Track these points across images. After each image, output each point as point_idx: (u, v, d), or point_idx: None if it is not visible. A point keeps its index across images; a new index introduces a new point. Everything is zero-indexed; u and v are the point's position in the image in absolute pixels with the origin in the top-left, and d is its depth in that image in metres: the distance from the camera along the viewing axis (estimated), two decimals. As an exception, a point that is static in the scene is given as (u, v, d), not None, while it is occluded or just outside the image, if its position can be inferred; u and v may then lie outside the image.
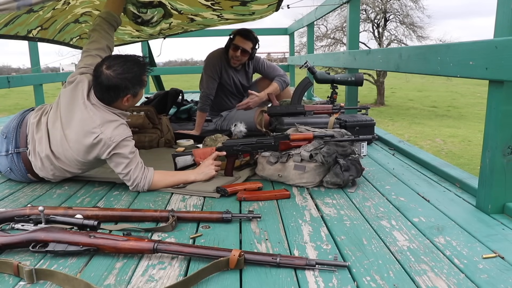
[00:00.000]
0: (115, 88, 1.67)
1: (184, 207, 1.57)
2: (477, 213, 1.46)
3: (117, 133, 1.66)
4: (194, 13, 2.81)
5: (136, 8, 2.59)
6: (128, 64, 1.69)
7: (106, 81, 1.66)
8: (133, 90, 1.71)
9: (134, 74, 1.69)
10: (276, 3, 2.50)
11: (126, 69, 1.67)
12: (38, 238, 1.18)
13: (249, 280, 1.05)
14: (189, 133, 2.82)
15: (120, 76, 1.66)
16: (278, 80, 3.00)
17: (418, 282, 1.02)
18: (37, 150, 1.75)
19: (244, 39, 2.81)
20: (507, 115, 1.36)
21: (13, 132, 1.81)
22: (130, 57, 1.73)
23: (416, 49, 1.85)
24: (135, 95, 1.74)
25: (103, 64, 1.68)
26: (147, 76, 1.85)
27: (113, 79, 1.66)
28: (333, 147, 1.79)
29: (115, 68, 1.66)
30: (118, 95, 1.70)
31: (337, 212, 1.49)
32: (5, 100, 17.52)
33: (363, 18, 16.63)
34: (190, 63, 47.87)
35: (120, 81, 1.66)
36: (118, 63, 1.68)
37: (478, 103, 15.40)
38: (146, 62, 1.77)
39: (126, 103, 1.74)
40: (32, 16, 2.10)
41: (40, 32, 2.65)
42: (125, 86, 1.68)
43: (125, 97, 1.71)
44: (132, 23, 2.78)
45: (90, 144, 1.66)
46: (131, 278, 1.06)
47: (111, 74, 1.66)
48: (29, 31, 2.49)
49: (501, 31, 1.36)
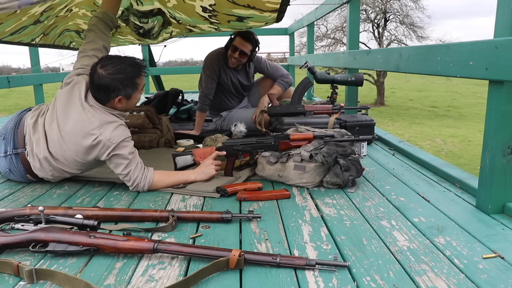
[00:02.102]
0: (105, 87, 1.66)
1: (184, 207, 1.57)
2: (477, 213, 1.46)
3: (116, 134, 1.65)
4: (192, 24, 2.82)
5: (137, 18, 2.61)
6: (122, 65, 1.68)
7: (98, 80, 1.66)
8: (124, 91, 1.68)
9: (125, 75, 1.67)
10: (274, 22, 2.49)
11: (118, 70, 1.66)
12: (38, 238, 1.18)
13: (249, 280, 1.05)
14: (189, 133, 2.83)
15: (111, 76, 1.65)
16: (280, 83, 3.01)
17: (418, 282, 1.02)
18: (35, 151, 1.75)
19: (244, 40, 2.80)
20: (507, 115, 1.36)
21: (11, 133, 1.80)
22: (126, 59, 1.71)
23: (416, 49, 1.85)
24: (128, 97, 1.71)
25: (99, 63, 1.69)
26: (146, 77, 1.83)
27: (104, 78, 1.65)
28: (333, 147, 1.79)
29: (108, 67, 1.66)
30: (109, 95, 1.68)
31: (337, 212, 1.49)
32: (5, 100, 17.52)
33: (363, 18, 16.63)
34: (190, 63, 47.84)
35: (110, 81, 1.65)
36: (112, 63, 1.67)
37: (478, 103, 15.40)
38: (143, 65, 1.74)
39: (119, 104, 1.71)
40: (38, 26, 2.11)
41: (42, 38, 2.67)
42: (115, 87, 1.66)
43: (116, 98, 1.69)
44: (134, 33, 2.80)
45: (89, 146, 1.65)
46: (131, 278, 1.06)
47: (102, 73, 1.65)
48: (32, 39, 2.51)
49: (501, 31, 1.36)
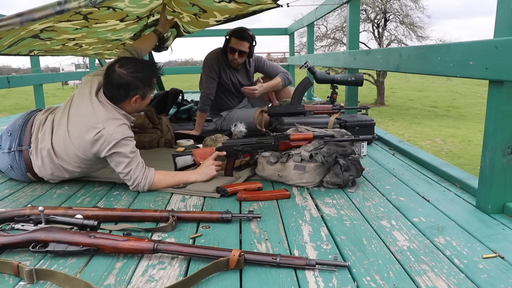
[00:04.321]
0: (126, 86, 1.71)
1: (184, 207, 1.57)
2: (477, 213, 1.46)
3: (119, 131, 1.67)
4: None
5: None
6: (140, 64, 1.77)
7: (118, 79, 1.70)
8: (143, 90, 1.75)
9: (145, 74, 1.75)
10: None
11: (138, 69, 1.73)
12: (38, 238, 1.18)
13: (249, 280, 1.05)
14: (189, 133, 2.82)
15: (132, 75, 1.71)
16: (281, 76, 3.00)
17: (418, 282, 1.02)
18: (39, 147, 1.77)
19: (240, 40, 2.79)
20: (507, 115, 1.36)
21: (18, 130, 1.83)
22: (142, 60, 1.85)
23: (416, 49, 1.85)
24: (144, 96, 1.78)
25: (116, 63, 1.73)
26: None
27: (125, 76, 1.70)
28: (333, 147, 1.79)
29: (128, 66, 1.72)
30: (127, 94, 1.73)
31: (337, 212, 1.49)
32: (5, 100, 17.53)
33: (363, 18, 16.63)
34: (190, 63, 47.82)
35: (131, 79, 1.71)
36: (131, 62, 1.75)
37: (478, 103, 15.40)
38: (159, 66, 1.86)
39: (134, 104, 1.76)
40: (37, 41, 2.12)
41: (42, 52, 2.68)
42: (135, 85, 1.72)
43: (134, 97, 1.74)
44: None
45: (91, 140, 1.66)
46: (131, 278, 1.06)
47: (123, 72, 1.70)
48: (31, 51, 2.52)
49: (501, 31, 1.36)
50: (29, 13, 1.37)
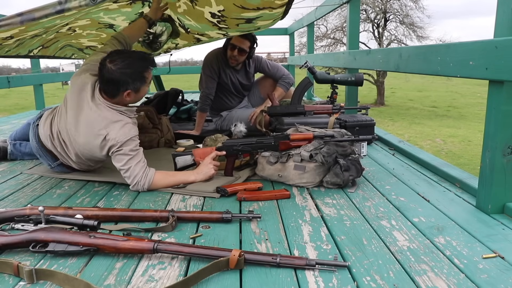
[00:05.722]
0: (116, 82, 1.71)
1: (184, 207, 1.57)
2: (477, 213, 1.46)
3: (122, 133, 1.69)
4: (200, 31, 2.84)
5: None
6: (130, 59, 1.73)
7: (108, 74, 1.71)
8: (133, 85, 1.74)
9: (134, 69, 1.73)
10: (281, 17, 2.50)
11: (126, 65, 1.71)
12: (38, 238, 1.18)
13: (249, 280, 1.05)
14: (189, 133, 2.82)
15: (120, 71, 1.70)
16: (281, 84, 3.01)
17: (418, 282, 1.02)
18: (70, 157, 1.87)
19: (241, 38, 2.80)
20: (507, 115, 1.36)
21: (40, 151, 1.92)
22: (134, 53, 1.80)
23: (416, 49, 1.85)
24: (136, 90, 1.77)
25: (108, 58, 1.73)
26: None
27: (114, 73, 1.70)
28: (333, 147, 1.79)
29: (117, 62, 1.71)
30: (118, 89, 1.73)
31: (337, 212, 1.49)
32: (5, 100, 17.53)
33: (363, 18, 16.64)
34: (190, 63, 47.73)
35: (119, 75, 1.70)
36: (121, 57, 1.73)
37: (478, 103, 15.40)
38: (151, 59, 1.81)
39: (128, 98, 1.77)
40: (35, 39, 2.12)
41: (41, 50, 2.68)
42: (124, 81, 1.71)
43: (125, 92, 1.74)
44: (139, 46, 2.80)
45: (99, 146, 1.72)
46: (131, 278, 1.06)
47: (112, 68, 1.70)
48: (30, 51, 2.52)
49: (501, 31, 1.36)
50: (29, 13, 1.37)
